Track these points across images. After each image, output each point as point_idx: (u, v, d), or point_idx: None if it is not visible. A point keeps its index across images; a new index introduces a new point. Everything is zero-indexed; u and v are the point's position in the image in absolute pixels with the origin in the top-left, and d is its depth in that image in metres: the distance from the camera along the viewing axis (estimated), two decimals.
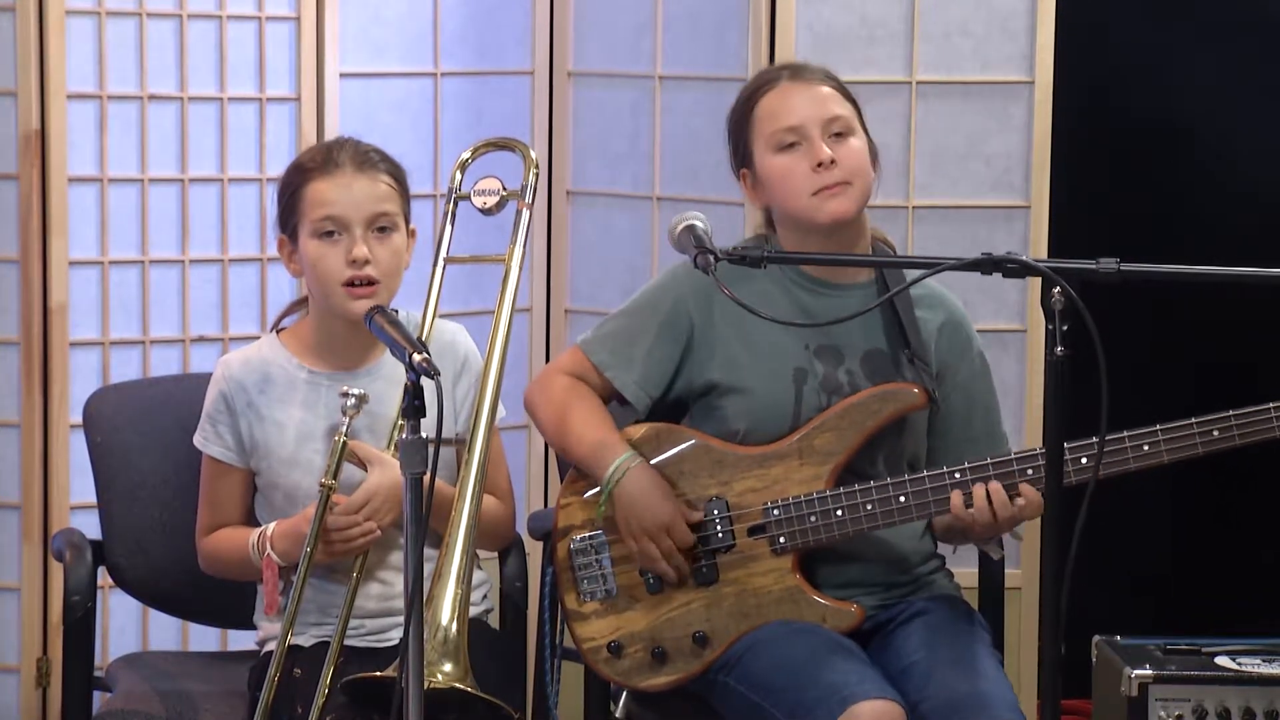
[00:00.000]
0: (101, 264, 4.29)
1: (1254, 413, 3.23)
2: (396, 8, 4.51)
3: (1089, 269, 2.82)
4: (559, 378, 3.45)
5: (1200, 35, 4.74)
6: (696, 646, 3.34)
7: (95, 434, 3.69)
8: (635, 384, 3.42)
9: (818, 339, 3.38)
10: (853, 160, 3.36)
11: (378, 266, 3.33)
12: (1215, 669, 3.86)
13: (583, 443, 3.39)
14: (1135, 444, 3.23)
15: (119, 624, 4.29)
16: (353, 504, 3.30)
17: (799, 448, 3.34)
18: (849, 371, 3.38)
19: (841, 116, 3.37)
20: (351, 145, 3.41)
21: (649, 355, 3.42)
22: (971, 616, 3.41)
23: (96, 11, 4.25)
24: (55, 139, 4.20)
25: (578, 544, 3.39)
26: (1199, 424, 3.24)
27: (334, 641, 3.27)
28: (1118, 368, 2.79)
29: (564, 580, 3.40)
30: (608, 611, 3.38)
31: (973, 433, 3.43)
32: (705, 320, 3.41)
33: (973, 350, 3.46)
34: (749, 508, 3.34)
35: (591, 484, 3.40)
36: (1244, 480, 4.83)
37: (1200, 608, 4.67)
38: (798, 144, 3.36)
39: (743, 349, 3.39)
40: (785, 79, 3.41)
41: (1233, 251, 3.40)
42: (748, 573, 3.34)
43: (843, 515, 3.31)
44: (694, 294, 3.41)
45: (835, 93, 3.40)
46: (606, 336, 3.45)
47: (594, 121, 4.62)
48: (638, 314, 3.45)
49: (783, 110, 3.38)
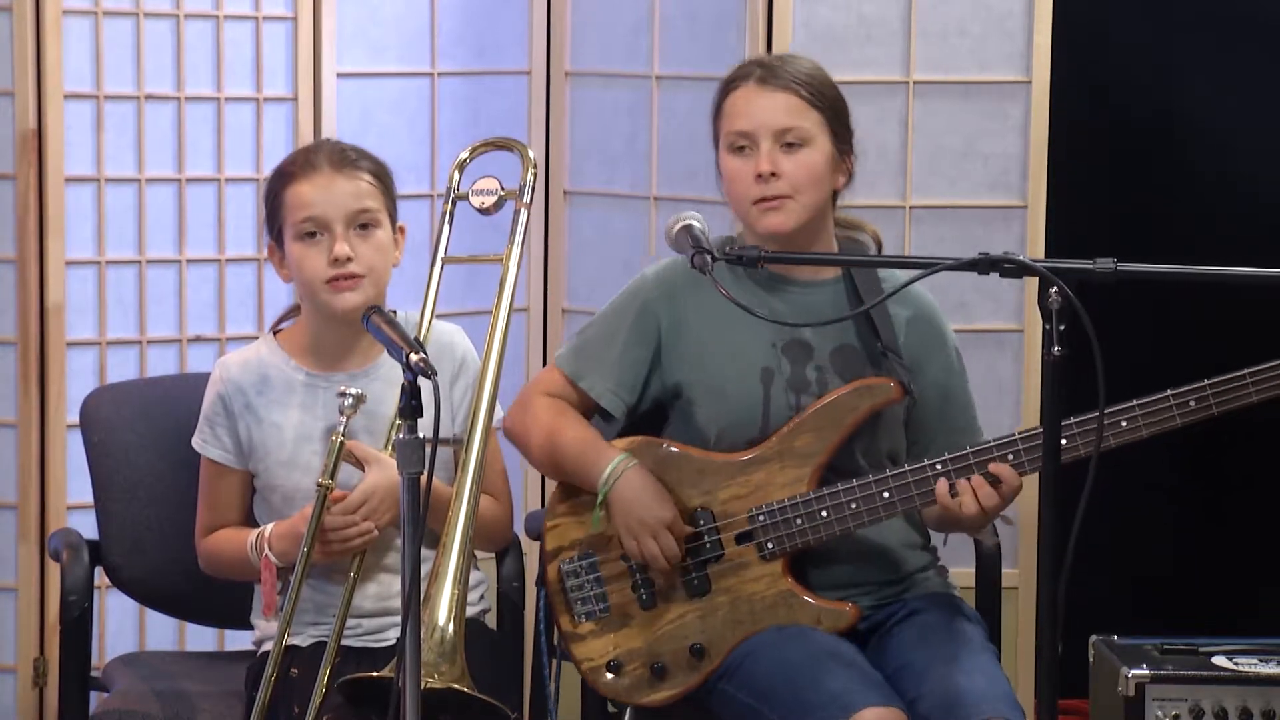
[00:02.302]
0: (98, 264, 4.29)
1: (1229, 380, 3.20)
2: (393, 8, 4.51)
3: (1086, 269, 2.82)
4: (538, 399, 3.43)
5: (1200, 35, 4.74)
6: (694, 659, 3.34)
7: (92, 434, 3.69)
8: (610, 391, 3.41)
9: (785, 336, 3.38)
10: (799, 174, 3.32)
11: (360, 262, 3.33)
12: (1212, 669, 3.86)
13: (573, 455, 3.37)
14: (1113, 420, 3.20)
15: (116, 624, 4.29)
16: (350, 504, 3.30)
17: (779, 450, 3.34)
18: (818, 368, 3.37)
19: (796, 128, 3.32)
20: (329, 145, 3.42)
21: (621, 360, 3.41)
22: (966, 614, 3.41)
23: (93, 11, 4.24)
24: (52, 139, 4.20)
25: (568, 566, 3.39)
26: (1175, 395, 3.21)
27: (331, 641, 3.27)
28: (1115, 368, 2.79)
29: (557, 603, 3.39)
30: (604, 630, 3.37)
31: (950, 425, 3.42)
32: (673, 322, 3.40)
33: (947, 345, 3.44)
34: (735, 515, 3.34)
35: (576, 504, 3.39)
36: (1242, 480, 4.84)
37: (1198, 607, 4.67)
38: (747, 149, 3.34)
39: (711, 350, 3.38)
40: (754, 79, 3.37)
41: (1232, 251, 3.39)
42: (739, 580, 3.34)
43: (828, 516, 3.30)
44: (661, 296, 3.40)
45: (799, 101, 3.34)
46: (579, 349, 3.45)
47: (591, 121, 4.62)
48: (607, 322, 3.44)
49: (739, 112, 3.36)
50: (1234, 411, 3.21)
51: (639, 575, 3.36)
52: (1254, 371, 3.19)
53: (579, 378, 3.42)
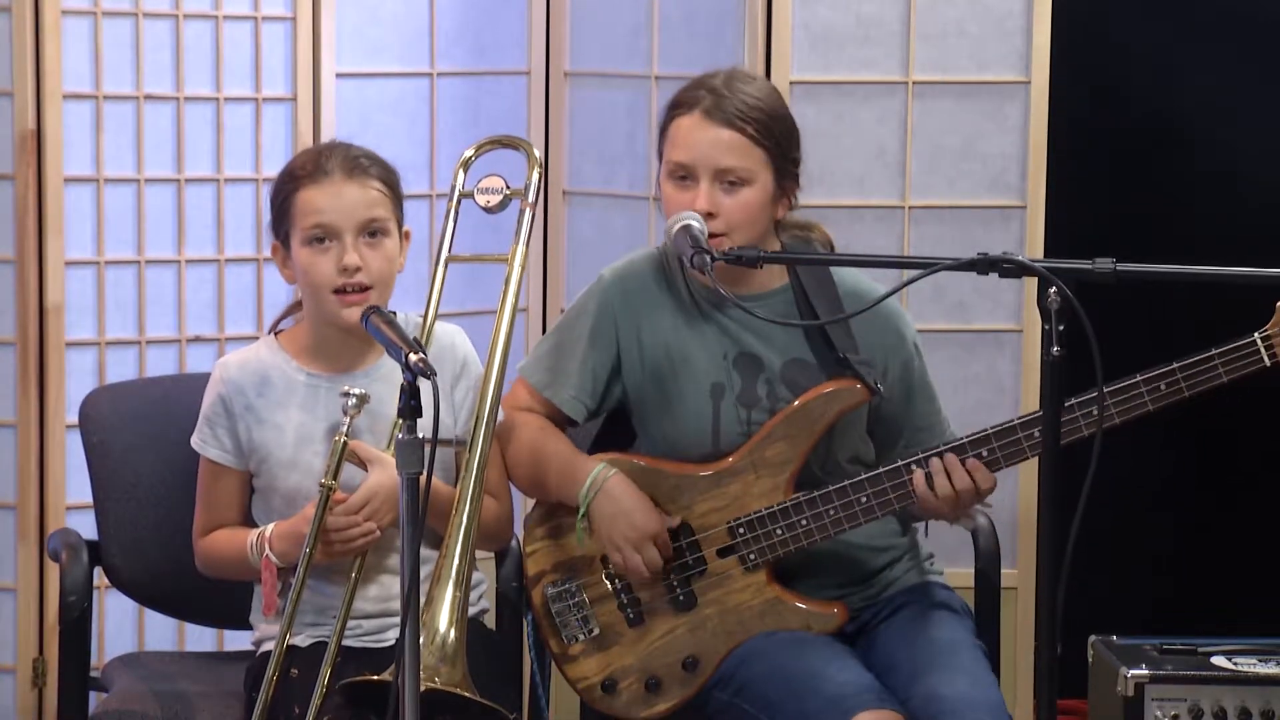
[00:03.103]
0: (97, 264, 4.29)
1: (1198, 362, 3.19)
2: (393, 8, 4.51)
3: (1085, 269, 2.82)
4: (516, 416, 3.43)
5: (1199, 35, 4.74)
6: (687, 672, 3.34)
7: (91, 434, 3.69)
8: (573, 397, 3.41)
9: (736, 348, 3.37)
10: (736, 214, 3.29)
11: (369, 273, 3.32)
12: (1211, 669, 3.86)
13: (554, 470, 3.37)
14: (1085, 409, 3.18)
15: (115, 624, 4.29)
16: (352, 504, 3.30)
17: (752, 461, 3.33)
18: (767, 382, 3.35)
19: (736, 168, 3.28)
20: (341, 151, 3.40)
21: (583, 365, 3.40)
22: (951, 605, 3.40)
23: (92, 11, 4.24)
24: (51, 139, 4.20)
25: (552, 591, 3.39)
26: (1145, 379, 3.20)
27: (332, 642, 3.26)
28: (1114, 368, 2.79)
29: (544, 627, 3.40)
30: (594, 650, 3.37)
31: (916, 422, 3.42)
32: (630, 329, 3.39)
33: (905, 342, 3.42)
34: (714, 529, 3.33)
35: (553, 526, 3.39)
36: (1241, 480, 4.84)
37: (1197, 608, 4.67)
38: (688, 180, 3.31)
39: (665, 361, 3.38)
40: (700, 109, 3.31)
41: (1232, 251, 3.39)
42: (725, 592, 3.34)
43: (808, 524, 3.30)
44: (619, 301, 3.40)
45: (743, 140, 3.29)
46: (542, 357, 3.45)
47: (590, 122, 4.62)
48: (568, 328, 3.44)
49: (682, 143, 3.32)
50: (1205, 394, 3.20)
51: (624, 595, 3.36)
52: (1222, 351, 3.18)
53: (543, 388, 3.42)
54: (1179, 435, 4.57)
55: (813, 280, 3.37)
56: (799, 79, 4.35)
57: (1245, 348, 3.17)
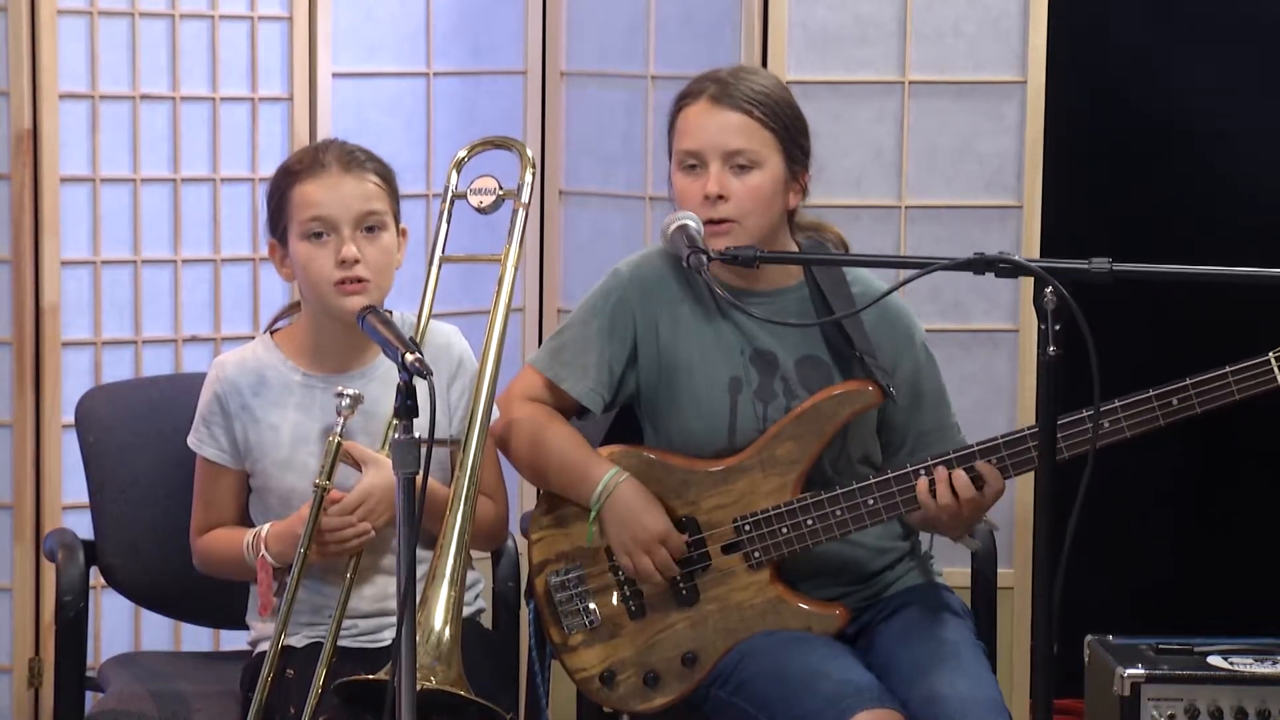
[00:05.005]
0: (94, 264, 4.29)
1: (1211, 379, 3.18)
2: (389, 7, 4.51)
3: (1081, 269, 2.82)
4: (518, 405, 3.42)
5: (1197, 35, 4.74)
6: (686, 667, 3.34)
7: (87, 434, 3.69)
8: (591, 390, 3.40)
9: (752, 345, 3.37)
10: (747, 198, 3.29)
11: (367, 266, 3.32)
12: (1207, 668, 3.87)
13: (564, 468, 3.36)
14: (1094, 419, 3.17)
15: (111, 624, 4.28)
16: (347, 505, 3.29)
17: (760, 459, 3.33)
18: (783, 379, 3.36)
19: (747, 150, 3.30)
20: (337, 146, 3.40)
21: (600, 358, 3.40)
22: (951, 606, 3.40)
23: (89, 11, 4.24)
24: (47, 139, 4.19)
25: (555, 579, 3.38)
26: (1158, 395, 3.19)
27: (327, 642, 3.26)
28: (1111, 368, 2.79)
29: (546, 616, 3.39)
30: (594, 641, 3.37)
31: (924, 425, 3.41)
32: (647, 322, 3.39)
33: (914, 343, 3.42)
34: (720, 525, 3.33)
35: (561, 515, 3.39)
36: (1238, 480, 4.84)
37: (1193, 607, 4.67)
38: (698, 168, 3.32)
39: (682, 356, 3.38)
40: (706, 96, 3.33)
41: (1231, 251, 3.39)
42: (728, 589, 3.33)
43: (813, 524, 3.30)
44: (635, 293, 3.40)
45: (751, 122, 3.30)
46: (558, 349, 3.43)
47: (587, 121, 4.62)
48: (585, 322, 3.42)
49: (690, 131, 3.33)
50: (1216, 410, 3.20)
51: (627, 587, 3.36)
52: (1236, 370, 3.18)
53: (561, 380, 3.41)
54: (1176, 435, 4.54)
55: (828, 279, 3.37)
56: (795, 79, 4.35)
57: (1258, 367, 3.17)
